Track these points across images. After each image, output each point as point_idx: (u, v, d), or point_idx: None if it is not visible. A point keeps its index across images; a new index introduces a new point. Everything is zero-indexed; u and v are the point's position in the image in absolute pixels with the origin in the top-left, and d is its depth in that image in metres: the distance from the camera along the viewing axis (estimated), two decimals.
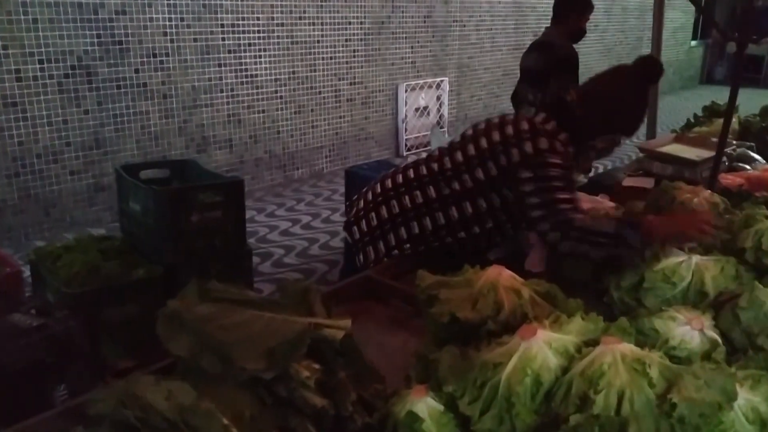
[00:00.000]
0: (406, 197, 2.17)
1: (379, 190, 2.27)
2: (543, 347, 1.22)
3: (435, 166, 2.15)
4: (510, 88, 9.51)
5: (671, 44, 12.92)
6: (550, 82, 3.86)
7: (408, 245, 2.17)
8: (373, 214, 2.23)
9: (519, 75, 4.42)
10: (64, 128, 4.84)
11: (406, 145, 7.76)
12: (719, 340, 1.49)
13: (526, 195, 1.96)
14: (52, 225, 4.91)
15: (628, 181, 2.72)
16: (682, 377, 1.12)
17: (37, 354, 2.27)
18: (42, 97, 4.68)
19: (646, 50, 4.97)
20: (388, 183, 2.25)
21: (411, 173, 2.20)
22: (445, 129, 8.15)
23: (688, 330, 1.49)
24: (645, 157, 2.87)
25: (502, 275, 1.51)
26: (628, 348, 1.18)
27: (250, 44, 5.94)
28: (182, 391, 1.22)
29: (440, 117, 8.26)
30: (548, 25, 4.44)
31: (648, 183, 2.64)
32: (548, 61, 3.95)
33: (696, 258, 1.73)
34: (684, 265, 1.74)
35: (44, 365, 2.29)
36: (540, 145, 1.94)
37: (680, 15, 13.34)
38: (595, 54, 11.17)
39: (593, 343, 1.25)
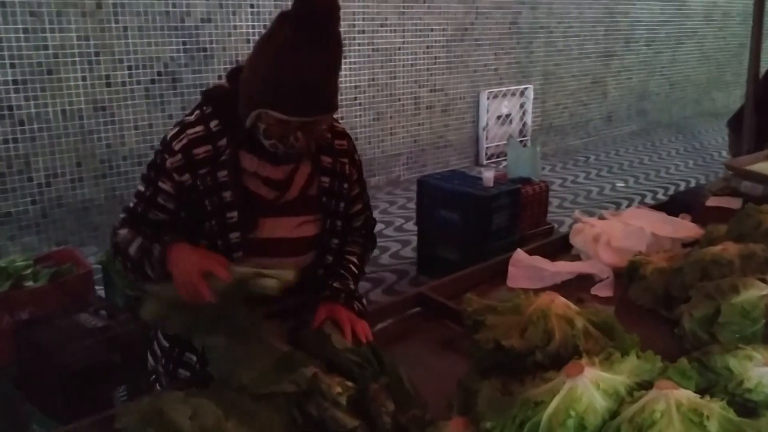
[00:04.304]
0: None
1: None
2: (589, 387, 1.11)
3: None
4: (598, 96, 9.24)
5: None
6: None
7: None
8: None
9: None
10: (149, 132, 5.01)
11: (486, 154, 7.61)
12: None
13: None
14: None
15: (712, 201, 2.52)
16: None
17: (99, 354, 2.33)
18: (129, 102, 4.87)
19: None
20: None
21: None
22: (528, 138, 7.95)
23: (767, 371, 1.34)
24: (732, 174, 2.66)
25: (554, 302, 1.41)
26: (684, 395, 1.06)
27: None
28: (207, 410, 1.20)
29: (523, 125, 8.06)
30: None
31: (735, 204, 2.44)
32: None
33: None
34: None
35: (105, 366, 2.35)
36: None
37: None
38: (693, 62, 10.63)
39: (648, 385, 1.14)
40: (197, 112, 1.57)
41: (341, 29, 1.48)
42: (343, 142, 1.70)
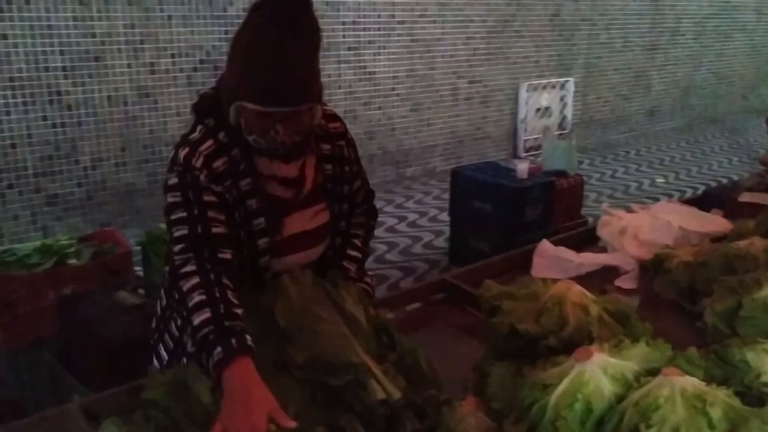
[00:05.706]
0: None
1: None
2: (597, 372, 1.14)
3: None
4: (641, 90, 9.08)
5: None
6: None
7: None
8: None
9: None
10: (191, 119, 5.12)
11: (524, 147, 7.57)
12: None
13: None
14: None
15: (745, 197, 2.49)
16: (747, 421, 1.01)
17: (136, 330, 2.42)
18: (172, 89, 5.00)
19: None
20: None
21: None
22: (568, 131, 7.88)
23: None
24: (766, 170, 2.62)
25: (571, 290, 1.44)
26: (690, 382, 1.08)
27: (370, 42, 6.01)
28: None
29: (563, 118, 7.99)
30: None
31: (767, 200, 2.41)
32: None
33: None
34: None
35: (141, 342, 2.43)
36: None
37: None
38: (741, 56, 10.35)
39: (656, 372, 1.16)
40: (200, 127, 1.54)
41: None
42: (337, 124, 1.68)
